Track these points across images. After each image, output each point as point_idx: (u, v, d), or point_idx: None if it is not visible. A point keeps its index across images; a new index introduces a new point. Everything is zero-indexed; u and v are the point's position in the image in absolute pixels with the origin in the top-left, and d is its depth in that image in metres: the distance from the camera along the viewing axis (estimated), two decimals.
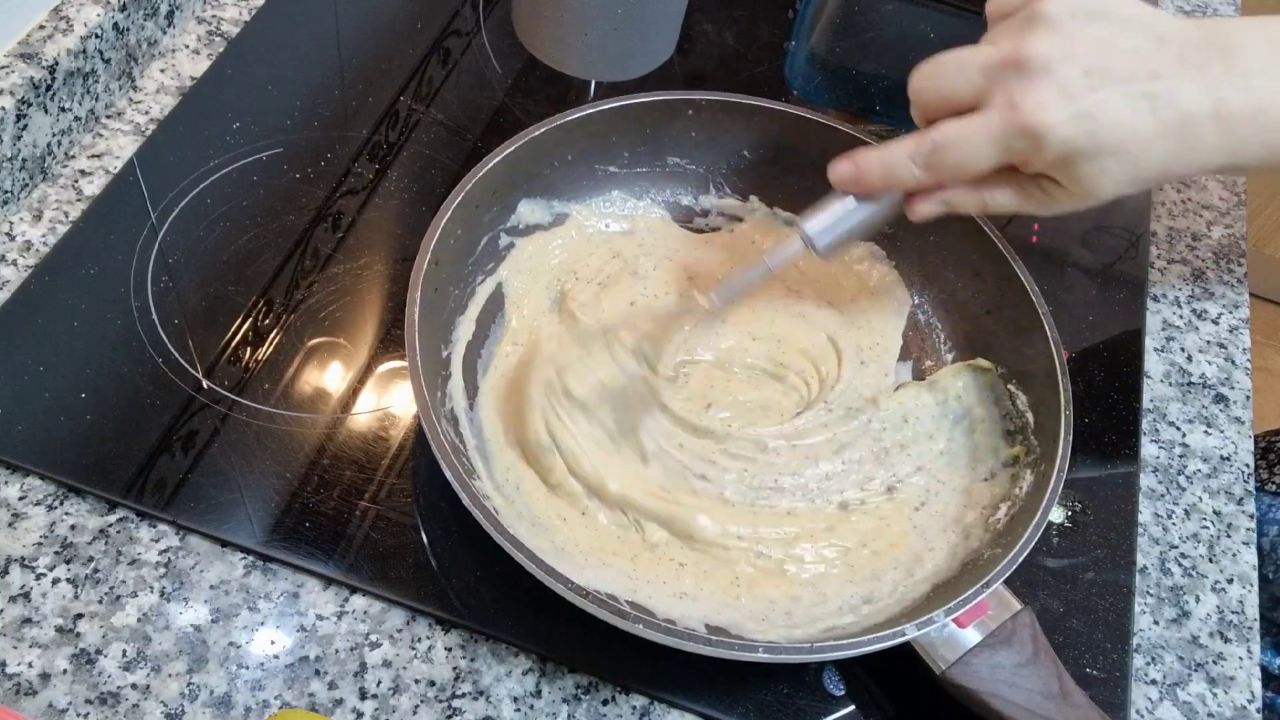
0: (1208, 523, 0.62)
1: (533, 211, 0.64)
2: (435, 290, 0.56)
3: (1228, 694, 0.55)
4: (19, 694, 0.48)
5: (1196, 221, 0.77)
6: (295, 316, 0.62)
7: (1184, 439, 0.65)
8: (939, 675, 0.49)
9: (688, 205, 0.68)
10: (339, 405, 0.59)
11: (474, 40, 0.80)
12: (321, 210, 0.67)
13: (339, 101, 0.74)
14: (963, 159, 0.49)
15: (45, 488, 0.54)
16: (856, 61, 0.85)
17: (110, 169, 0.67)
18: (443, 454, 0.48)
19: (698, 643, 0.46)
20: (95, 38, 0.67)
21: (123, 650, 0.50)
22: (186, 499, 0.54)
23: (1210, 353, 0.70)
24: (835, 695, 0.52)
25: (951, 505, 0.57)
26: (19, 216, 0.64)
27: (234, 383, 0.59)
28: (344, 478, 0.56)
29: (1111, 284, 0.72)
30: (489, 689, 0.51)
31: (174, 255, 0.63)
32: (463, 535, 0.54)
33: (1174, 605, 0.58)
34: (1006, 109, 0.47)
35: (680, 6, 0.83)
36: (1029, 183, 0.51)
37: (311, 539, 0.53)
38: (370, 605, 0.52)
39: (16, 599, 0.50)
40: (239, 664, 0.50)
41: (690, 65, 0.81)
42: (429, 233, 0.55)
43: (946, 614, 0.48)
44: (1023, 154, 0.48)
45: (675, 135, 0.66)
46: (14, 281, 0.61)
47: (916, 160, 0.50)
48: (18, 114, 0.62)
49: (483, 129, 0.74)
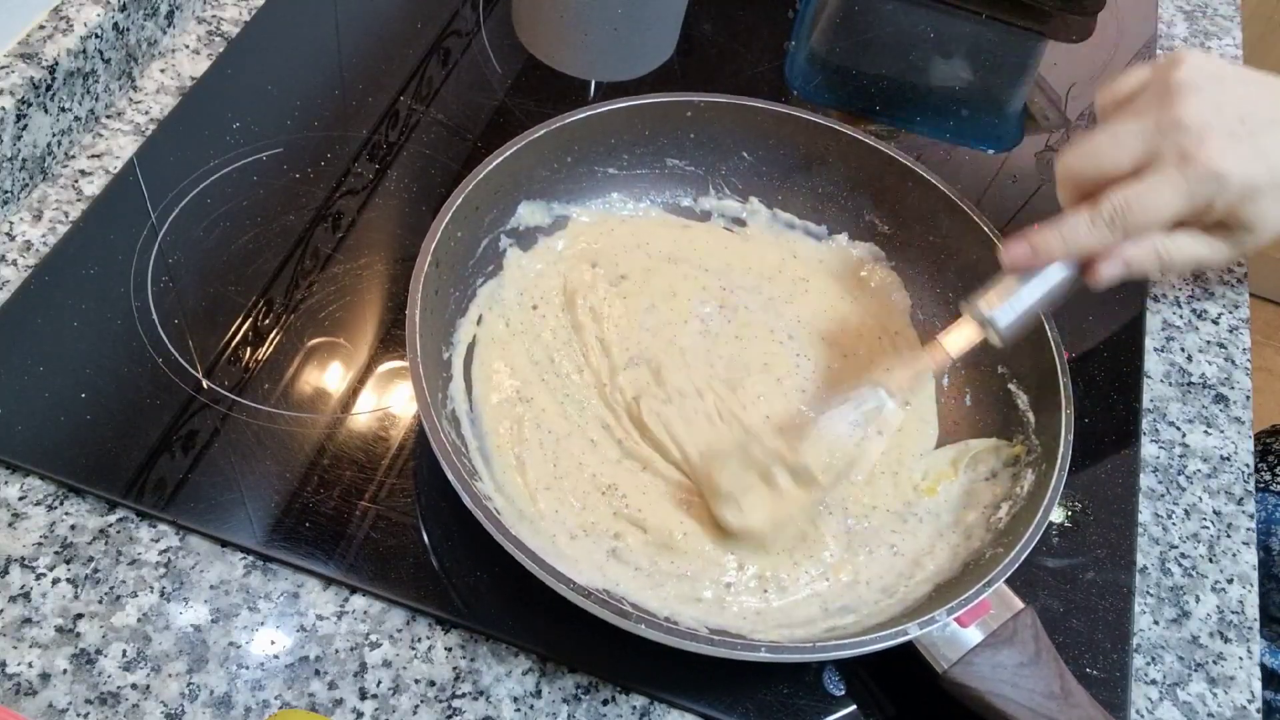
0: (1208, 523, 0.62)
1: (533, 213, 0.64)
2: (436, 292, 0.56)
3: (1228, 694, 0.55)
4: (19, 694, 0.48)
5: None
6: (295, 316, 0.62)
7: (1184, 439, 0.65)
8: (941, 675, 0.49)
9: (687, 206, 0.68)
10: (339, 405, 0.59)
11: (474, 40, 0.80)
12: (321, 210, 0.67)
13: (339, 101, 0.74)
14: (1147, 213, 0.52)
15: (45, 488, 0.54)
16: (856, 61, 0.85)
17: (110, 169, 0.67)
18: (444, 454, 0.48)
19: (699, 643, 0.46)
20: (95, 38, 0.67)
21: (123, 650, 0.50)
22: (186, 499, 0.54)
23: (1210, 353, 0.70)
24: (836, 695, 0.52)
25: (953, 505, 0.57)
26: (19, 216, 0.64)
27: (234, 383, 0.59)
28: (344, 478, 0.56)
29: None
30: (489, 689, 0.51)
31: (174, 255, 0.63)
32: (463, 535, 0.54)
33: (1174, 605, 0.58)
34: (1182, 162, 0.51)
35: (680, 6, 0.83)
36: (1202, 233, 0.54)
37: (311, 539, 0.53)
38: (370, 605, 0.52)
39: (16, 599, 0.50)
40: (239, 664, 0.50)
41: (690, 65, 0.81)
42: (429, 234, 0.55)
43: (948, 613, 0.48)
44: (1205, 199, 0.52)
45: (675, 137, 0.66)
46: (14, 281, 0.61)
47: (1098, 223, 0.52)
48: (18, 114, 0.62)
49: (483, 129, 0.74)
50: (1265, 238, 0.55)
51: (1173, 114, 0.52)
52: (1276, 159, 0.52)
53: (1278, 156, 0.52)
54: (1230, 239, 0.55)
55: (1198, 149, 0.51)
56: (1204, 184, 0.51)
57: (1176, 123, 0.52)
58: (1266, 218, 0.53)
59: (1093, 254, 0.53)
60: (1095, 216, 0.52)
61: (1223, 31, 0.92)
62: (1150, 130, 0.52)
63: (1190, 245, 0.54)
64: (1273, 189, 0.52)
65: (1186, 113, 0.52)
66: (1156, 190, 0.52)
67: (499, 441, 0.57)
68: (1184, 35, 0.92)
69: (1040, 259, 0.53)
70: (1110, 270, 0.54)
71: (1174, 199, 0.52)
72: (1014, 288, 0.54)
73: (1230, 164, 0.51)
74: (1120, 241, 0.53)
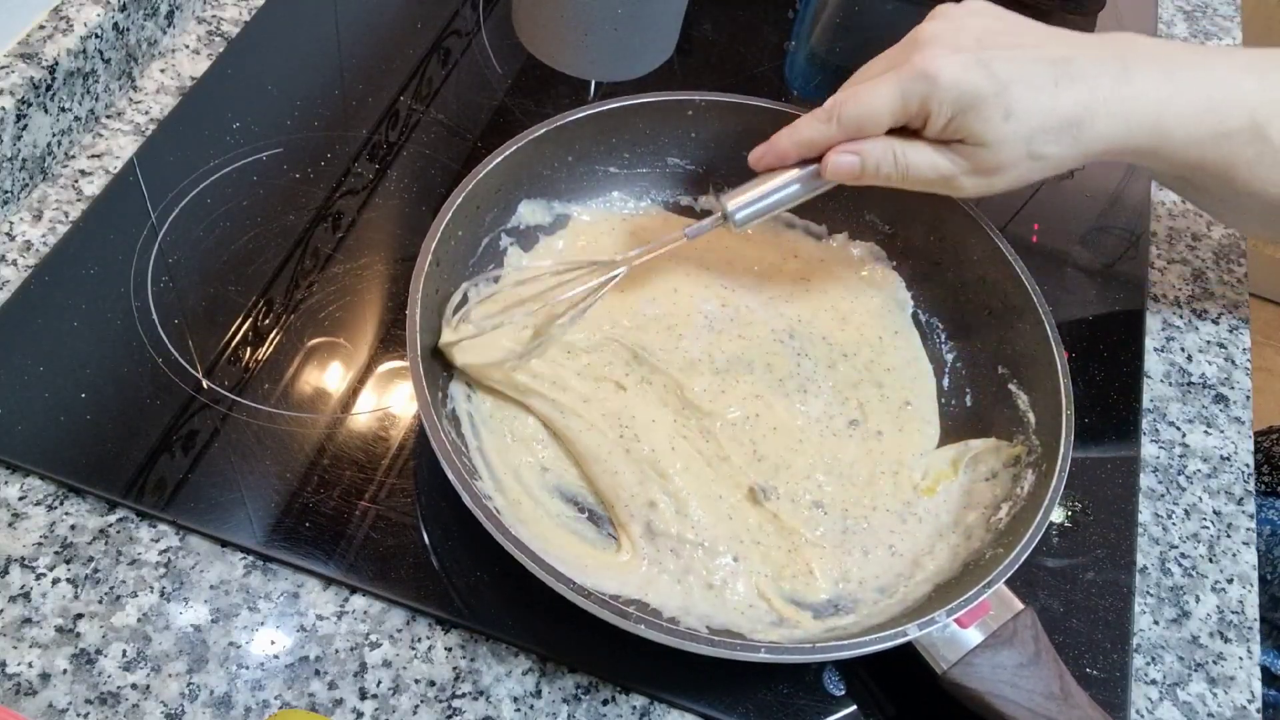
0: (1208, 523, 0.62)
1: (533, 212, 0.64)
2: (436, 291, 0.56)
3: (1228, 694, 0.55)
4: (19, 694, 0.48)
5: (1196, 221, 0.77)
6: (295, 316, 0.62)
7: (1184, 439, 0.65)
8: (941, 675, 0.49)
9: (687, 205, 0.68)
10: (339, 405, 0.59)
11: (474, 40, 0.80)
12: (321, 210, 0.67)
13: (339, 101, 0.74)
14: (861, 106, 0.53)
15: (45, 488, 0.54)
16: (856, 61, 0.84)
17: (110, 169, 0.67)
18: (444, 454, 0.48)
19: (699, 643, 0.46)
20: (95, 38, 0.67)
21: (123, 650, 0.50)
22: (186, 499, 0.54)
23: (1210, 353, 0.70)
24: (836, 695, 0.52)
25: (953, 505, 0.57)
26: (19, 216, 0.64)
27: (234, 383, 0.59)
28: (344, 478, 0.56)
29: (1111, 284, 0.72)
30: (489, 689, 0.51)
31: (174, 255, 0.63)
32: (463, 535, 0.54)
33: (1174, 605, 0.58)
34: (901, 63, 0.53)
35: (680, 6, 0.83)
36: (939, 145, 0.54)
37: (311, 539, 0.53)
38: (370, 605, 0.52)
39: (16, 599, 0.50)
40: (239, 664, 0.50)
41: (690, 65, 0.81)
42: (430, 233, 0.55)
43: (948, 614, 0.48)
44: (918, 98, 0.52)
45: (675, 136, 0.66)
46: (14, 281, 0.61)
47: (821, 117, 0.55)
48: (18, 114, 0.62)
49: (483, 129, 0.74)
50: (1007, 159, 0.54)
51: (912, 33, 0.54)
52: (1004, 74, 0.51)
53: (1007, 73, 0.51)
54: (967, 155, 0.54)
55: (915, 53, 0.53)
56: (914, 82, 0.52)
57: (912, 39, 0.54)
58: (997, 134, 0.52)
59: (821, 148, 0.55)
60: (819, 112, 0.55)
61: (1223, 32, 0.92)
62: (898, 46, 0.55)
63: (926, 154, 0.54)
64: (996, 102, 0.51)
65: (922, 30, 0.54)
66: (872, 88, 0.53)
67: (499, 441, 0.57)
68: (1184, 35, 0.92)
69: (774, 154, 0.56)
70: (841, 160, 0.55)
71: (887, 95, 0.53)
72: (755, 184, 0.57)
73: (941, 66, 0.51)
74: (840, 135, 0.54)
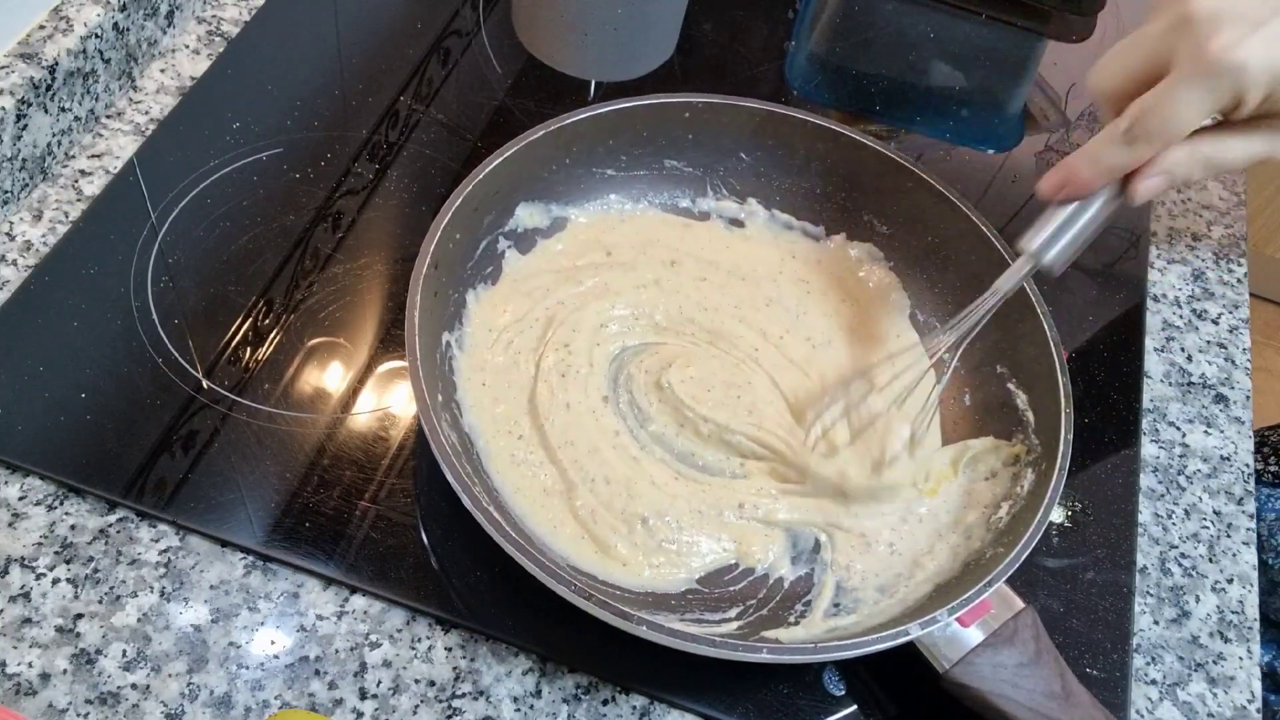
0: (1208, 523, 0.62)
1: (531, 215, 0.64)
2: (435, 294, 0.56)
3: (1228, 694, 0.55)
4: (19, 694, 0.48)
5: (1196, 221, 0.77)
6: (295, 316, 0.62)
7: (1184, 439, 0.65)
8: (942, 675, 0.49)
9: (685, 208, 0.68)
10: (339, 405, 0.59)
11: (474, 40, 0.80)
12: (321, 210, 0.67)
13: (339, 101, 0.74)
14: (1166, 120, 0.48)
15: (45, 488, 0.54)
16: (856, 61, 0.85)
17: (110, 169, 0.67)
18: (443, 455, 0.48)
19: (700, 643, 0.46)
20: (95, 38, 0.67)
21: (123, 650, 0.50)
22: (186, 499, 0.54)
23: (1210, 353, 0.70)
24: (836, 695, 0.52)
25: (952, 505, 0.57)
26: (19, 216, 0.64)
27: (234, 383, 0.59)
28: (344, 478, 0.56)
29: (1111, 284, 0.72)
30: (489, 689, 0.51)
31: (174, 255, 0.63)
32: (463, 535, 0.54)
33: (1174, 605, 0.58)
34: (1195, 59, 0.46)
35: (680, 6, 0.83)
36: (1250, 128, 0.50)
37: (311, 539, 0.53)
38: (370, 605, 0.52)
39: (16, 599, 0.50)
40: (239, 664, 0.50)
41: (690, 65, 0.81)
42: (429, 236, 0.55)
43: (949, 613, 0.48)
44: (1231, 94, 0.47)
45: (673, 137, 0.66)
46: (14, 281, 0.61)
47: (1117, 139, 0.49)
48: (18, 114, 0.62)
49: (483, 129, 0.74)
50: None
51: (1182, 9, 0.47)
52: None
53: None
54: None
55: (1208, 42, 0.46)
56: (1220, 79, 0.46)
57: (1186, 18, 0.47)
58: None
59: (1124, 171, 0.50)
60: (1115, 133, 0.49)
61: None
62: (1165, 30, 0.48)
63: (1237, 146, 0.50)
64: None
65: (1196, 8, 0.47)
66: (1173, 94, 0.47)
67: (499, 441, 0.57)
68: None
69: (1072, 188, 0.51)
70: (1147, 185, 0.50)
71: (1194, 100, 0.47)
72: (1053, 218, 0.52)
73: (1246, 53, 0.46)
74: (1148, 154, 0.49)
